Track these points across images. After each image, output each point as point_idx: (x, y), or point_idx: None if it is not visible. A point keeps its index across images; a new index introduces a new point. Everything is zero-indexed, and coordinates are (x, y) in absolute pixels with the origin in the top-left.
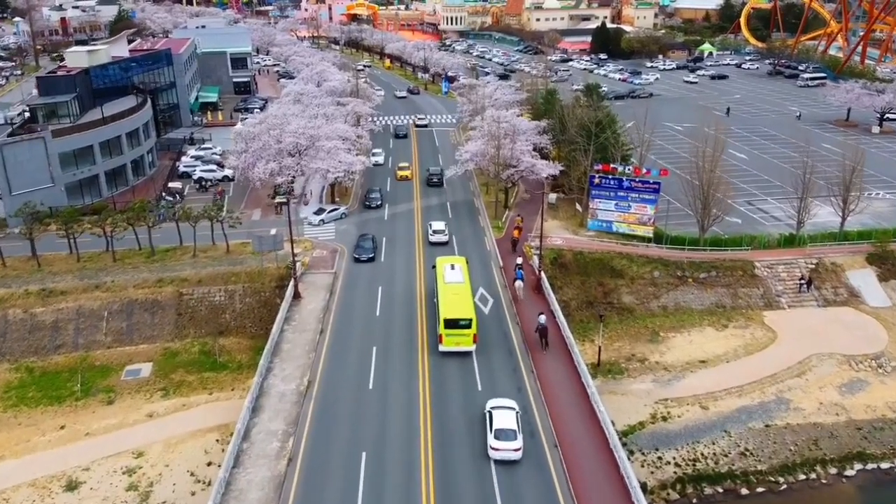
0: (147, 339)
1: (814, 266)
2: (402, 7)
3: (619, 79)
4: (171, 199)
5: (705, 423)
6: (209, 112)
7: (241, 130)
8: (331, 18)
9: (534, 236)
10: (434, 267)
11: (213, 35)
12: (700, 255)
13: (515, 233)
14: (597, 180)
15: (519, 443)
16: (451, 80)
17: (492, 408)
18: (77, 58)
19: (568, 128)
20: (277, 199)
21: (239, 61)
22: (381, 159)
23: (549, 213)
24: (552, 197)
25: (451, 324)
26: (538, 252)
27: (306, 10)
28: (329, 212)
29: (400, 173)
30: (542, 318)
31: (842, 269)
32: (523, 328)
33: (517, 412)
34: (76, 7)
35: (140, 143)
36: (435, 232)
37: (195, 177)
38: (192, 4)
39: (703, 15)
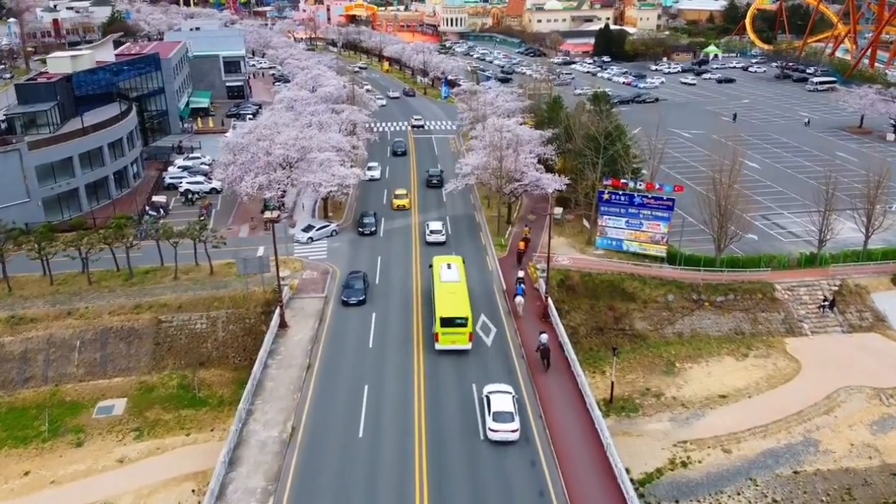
0: (122, 372)
1: (837, 288)
2: (402, 8)
3: (624, 82)
4: (155, 214)
5: (729, 470)
6: (199, 118)
7: (229, 141)
8: (329, 19)
9: (539, 255)
10: (431, 266)
11: (206, 38)
12: (716, 277)
13: (521, 244)
14: (606, 196)
15: (516, 424)
16: (450, 84)
17: (489, 392)
18: (59, 63)
19: (574, 137)
20: (267, 215)
21: (232, 65)
22: (377, 174)
23: (554, 230)
24: (558, 212)
25: (447, 322)
26: (544, 275)
27: (304, 10)
28: (318, 229)
29: (396, 202)
30: (544, 338)
31: (866, 292)
32: (524, 347)
33: (514, 396)
34: (70, 8)
35: (124, 154)
36: (432, 232)
37: (181, 189)
38: (188, 5)
39: (707, 16)
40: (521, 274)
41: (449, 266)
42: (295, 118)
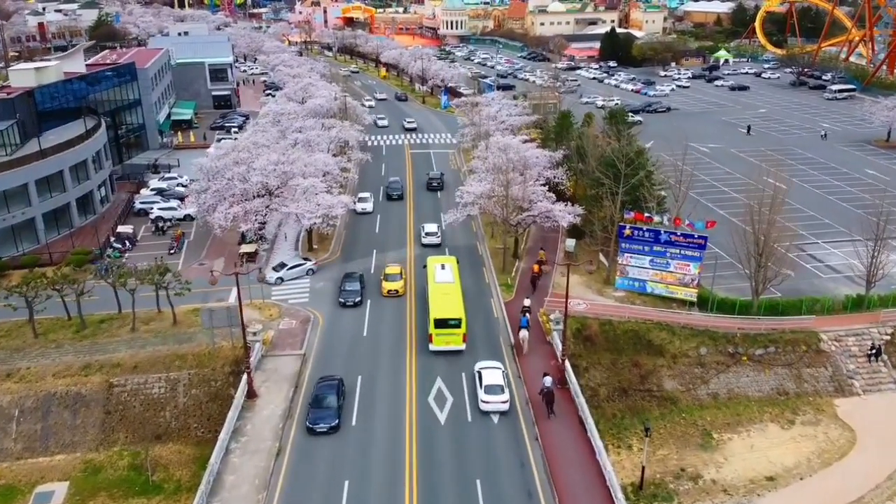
0: (65, 448)
1: (889, 337)
2: (401, 10)
3: (632, 90)
4: (120, 247)
5: None
6: (179, 132)
7: (203, 164)
8: (326, 22)
9: (551, 301)
10: (425, 267)
11: (191, 44)
12: (754, 325)
13: (535, 267)
14: (627, 231)
15: (506, 396)
16: (450, 91)
17: (480, 368)
18: (22, 76)
19: (588, 160)
20: (243, 249)
21: (219, 73)
22: (369, 206)
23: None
24: (570, 244)
25: (441, 323)
26: (558, 328)
27: (300, 12)
28: (290, 268)
29: (387, 286)
30: (548, 381)
31: None
32: (527, 390)
33: (503, 371)
34: (58, 10)
35: (89, 177)
36: (428, 234)
37: (152, 216)
38: (183, 7)
39: (715, 18)
40: (527, 302)
41: (443, 267)
42: (280, 135)
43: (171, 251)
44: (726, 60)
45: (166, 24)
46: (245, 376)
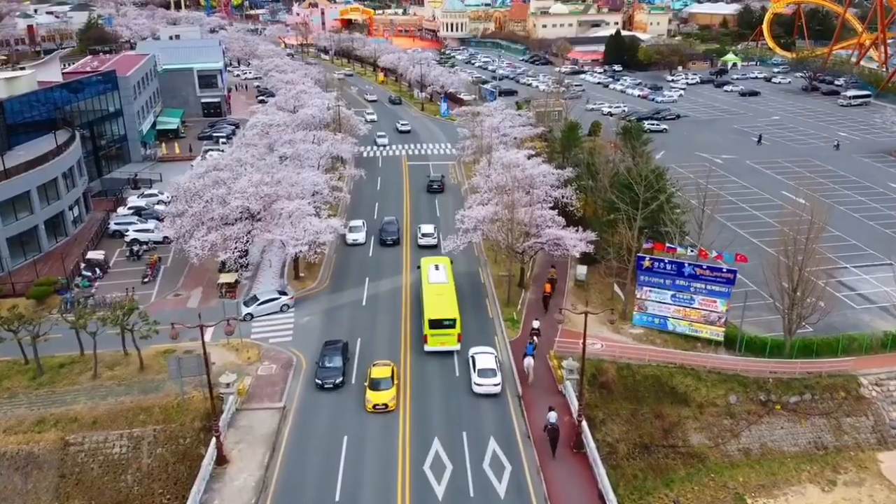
0: None
1: None
2: (400, 12)
3: (639, 95)
4: (90, 275)
5: None
6: (163, 143)
7: (180, 184)
8: (323, 24)
9: (561, 340)
10: (419, 267)
11: (180, 49)
12: (787, 368)
13: (547, 287)
14: (647, 263)
15: (498, 379)
16: (449, 97)
17: (474, 353)
18: None
19: (599, 177)
20: (222, 279)
21: (208, 78)
22: (360, 237)
23: (577, 294)
24: (581, 272)
25: (436, 324)
26: (572, 376)
27: (298, 14)
28: (261, 302)
29: (373, 397)
30: (553, 417)
31: None
32: (529, 426)
33: (495, 355)
34: (50, 13)
35: (59, 197)
36: (424, 235)
37: (127, 239)
38: (178, 9)
39: (721, 21)
40: (536, 324)
41: (437, 267)
42: (268, 150)
43: (145, 280)
44: (734, 64)
45: (159, 26)
46: (214, 440)
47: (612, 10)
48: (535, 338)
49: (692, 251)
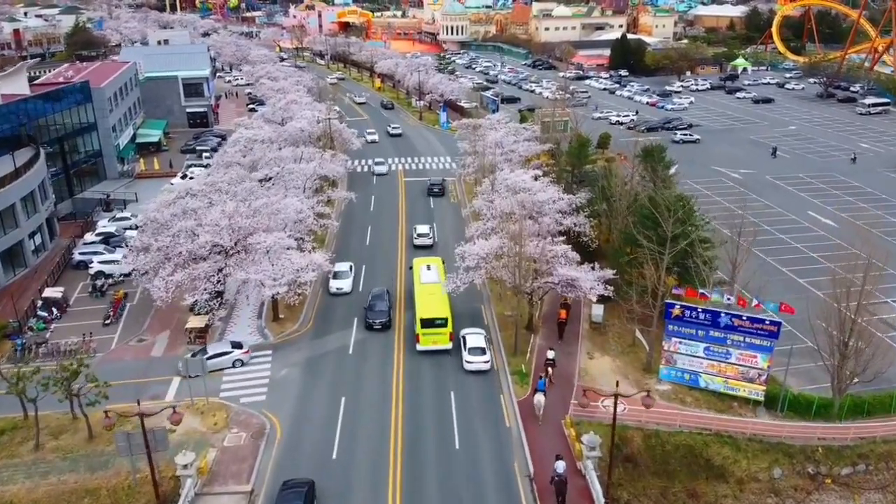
0: None
1: None
2: (399, 14)
3: (648, 102)
4: (46, 315)
5: None
6: (143, 157)
7: (147, 213)
8: (320, 27)
9: (577, 405)
10: (411, 268)
11: (163, 56)
12: (837, 433)
13: (562, 313)
14: (677, 311)
15: (487, 356)
16: (449, 105)
17: (465, 333)
18: None
19: (614, 202)
20: (190, 323)
21: (194, 87)
22: (346, 285)
23: (594, 339)
24: (597, 312)
25: (427, 323)
26: (593, 454)
27: (294, 16)
28: (211, 356)
29: None
30: (561, 467)
31: None
32: (535, 474)
33: (485, 335)
34: (39, 16)
35: (18, 224)
36: (419, 235)
37: (91, 271)
38: (174, 11)
39: (728, 23)
40: (550, 355)
41: (429, 267)
42: (249, 169)
43: (107, 321)
44: (745, 69)
45: (150, 30)
46: None
47: (616, 13)
48: (549, 369)
49: (729, 299)
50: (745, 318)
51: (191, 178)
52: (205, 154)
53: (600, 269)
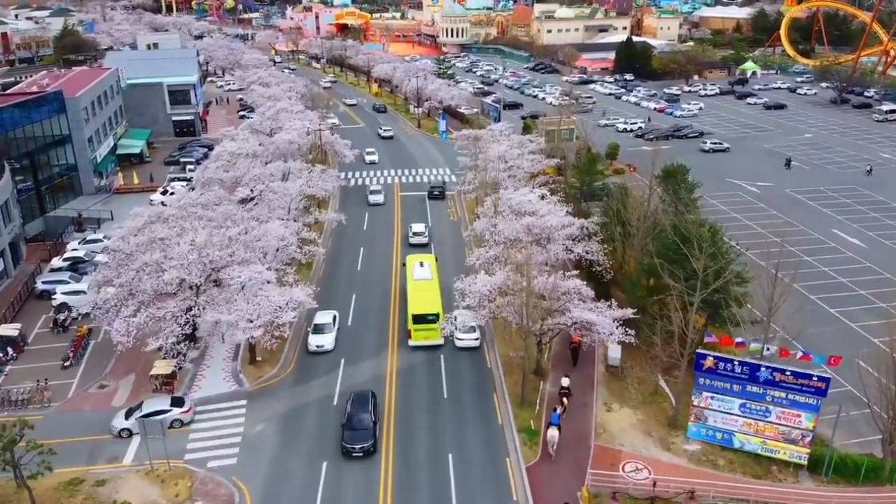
0: None
1: None
2: (398, 16)
3: (655, 108)
4: (0, 355)
5: None
6: (122, 171)
7: (110, 244)
8: (318, 29)
9: (594, 472)
10: (404, 265)
11: (149, 61)
12: (890, 500)
13: (576, 337)
14: (709, 363)
15: (476, 334)
16: (449, 112)
17: (455, 313)
18: None
19: (631, 227)
20: (156, 369)
21: (180, 94)
22: (328, 342)
23: (609, 388)
24: (614, 355)
25: (419, 319)
26: None
27: (292, 18)
28: (144, 415)
29: None
30: None
31: None
32: None
33: (474, 315)
34: (29, 18)
35: None
36: (415, 234)
37: (55, 302)
38: (170, 13)
39: (734, 25)
40: (565, 382)
41: (421, 264)
42: (231, 188)
43: (67, 363)
44: (754, 73)
45: (141, 33)
46: None
47: (619, 15)
48: (564, 400)
49: (769, 349)
50: (788, 372)
51: (171, 193)
52: (189, 167)
53: (617, 305)
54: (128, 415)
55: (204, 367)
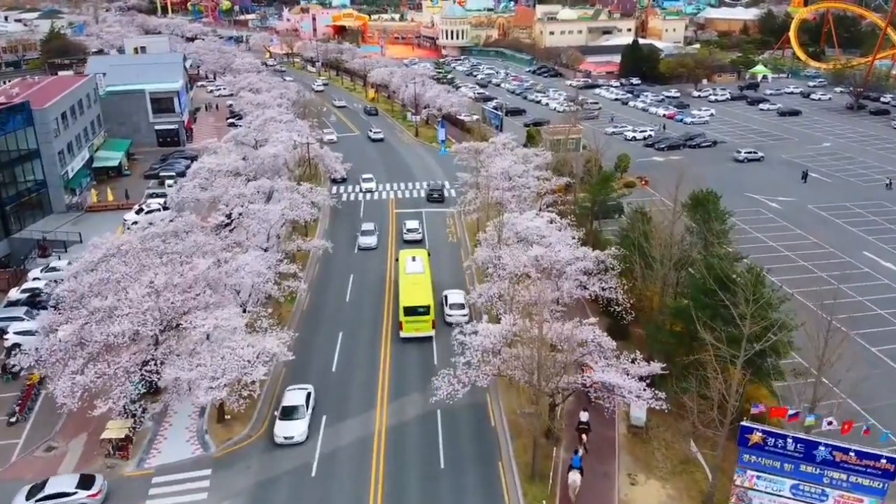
0: None
1: None
2: (397, 17)
3: (664, 115)
4: None
5: None
6: (97, 186)
7: (63, 283)
8: (315, 31)
9: None
10: (397, 260)
11: (131, 66)
12: None
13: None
14: (755, 438)
15: (466, 310)
16: (448, 120)
17: (446, 293)
18: None
19: (652, 260)
20: (107, 433)
21: (164, 101)
22: (298, 431)
23: (632, 453)
24: (638, 413)
25: (410, 311)
26: None
27: (288, 20)
28: (42, 498)
29: None
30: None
31: None
32: None
33: (464, 294)
34: (18, 20)
35: None
36: (409, 230)
37: (6, 343)
38: (165, 14)
39: (741, 27)
40: (584, 417)
41: (414, 259)
42: (209, 207)
43: (13, 418)
44: (764, 77)
45: (131, 35)
46: None
47: (624, 16)
48: (583, 437)
49: (830, 423)
50: (852, 452)
51: (148, 211)
52: (168, 181)
53: (637, 350)
54: (29, 495)
55: (166, 424)
